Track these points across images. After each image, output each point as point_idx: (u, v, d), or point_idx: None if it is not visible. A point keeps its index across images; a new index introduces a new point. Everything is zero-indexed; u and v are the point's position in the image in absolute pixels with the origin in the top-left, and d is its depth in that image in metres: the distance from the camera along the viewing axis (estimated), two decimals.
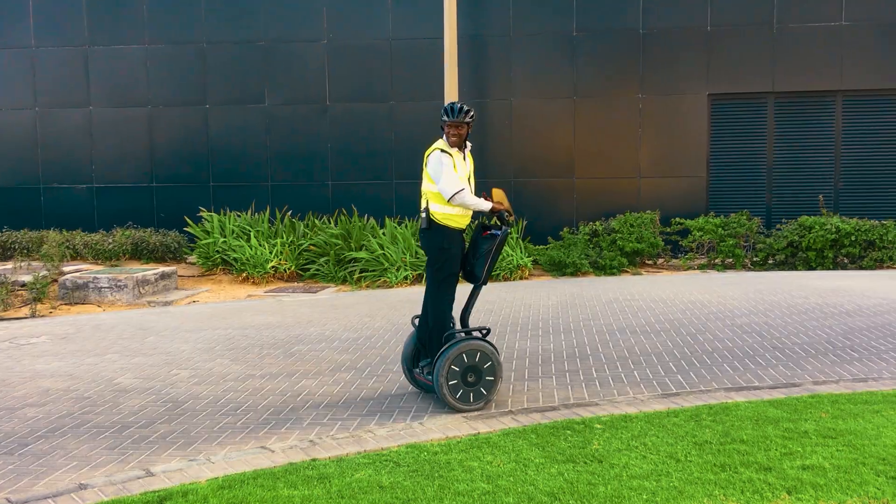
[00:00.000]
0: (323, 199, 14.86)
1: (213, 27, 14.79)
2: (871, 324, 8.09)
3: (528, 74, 14.43)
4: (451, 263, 5.49)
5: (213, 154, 14.96)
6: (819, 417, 5.04)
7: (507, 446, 4.62)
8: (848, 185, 14.17)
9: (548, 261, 12.77)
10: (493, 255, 5.47)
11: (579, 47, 14.31)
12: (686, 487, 3.97)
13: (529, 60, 14.41)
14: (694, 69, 14.17)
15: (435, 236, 5.46)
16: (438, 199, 5.44)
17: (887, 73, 13.79)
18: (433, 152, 5.50)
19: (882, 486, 3.94)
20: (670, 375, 6.27)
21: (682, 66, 14.19)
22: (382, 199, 14.73)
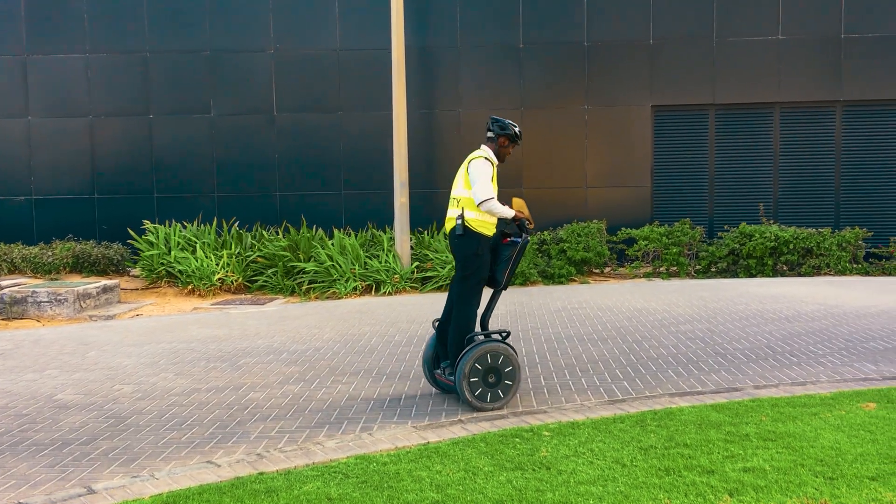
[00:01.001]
0: (271, 210, 14.72)
1: (157, 36, 14.57)
2: (808, 329, 8.34)
3: (475, 85, 14.54)
4: (482, 269, 5.68)
5: (158, 165, 14.71)
6: (760, 421, 5.16)
7: (456, 455, 4.63)
8: (786, 194, 14.59)
9: None
10: (515, 260, 5.71)
11: (526, 59, 14.48)
12: (632, 492, 4.03)
13: (477, 72, 14.53)
14: (637, 81, 14.45)
15: (469, 243, 5.61)
16: (474, 206, 5.61)
17: (822, 85, 14.26)
18: (478, 159, 5.65)
19: (820, 487, 4.05)
20: (617, 382, 6.36)
21: (626, 79, 14.46)
22: (331, 209, 14.65)
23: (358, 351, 7.77)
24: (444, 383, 5.86)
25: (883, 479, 4.10)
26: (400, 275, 12.24)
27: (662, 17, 14.34)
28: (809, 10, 14.17)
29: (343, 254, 12.55)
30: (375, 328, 9.00)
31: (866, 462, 4.35)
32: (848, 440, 4.72)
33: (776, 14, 14.19)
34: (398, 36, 12.81)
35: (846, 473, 4.20)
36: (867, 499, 3.88)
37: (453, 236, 5.69)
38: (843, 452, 4.51)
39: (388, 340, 8.27)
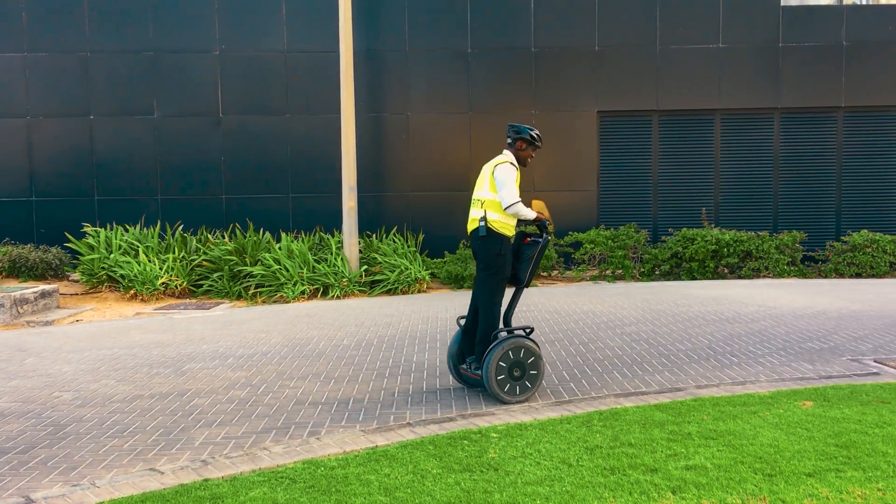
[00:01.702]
0: (217, 213, 14.50)
1: (97, 36, 14.25)
2: (748, 330, 8.56)
3: (424, 89, 14.57)
4: (505, 268, 5.91)
5: (99, 167, 14.38)
6: (702, 420, 5.28)
7: (404, 458, 4.63)
8: (727, 198, 14.95)
9: (446, 274, 12.89)
10: (536, 259, 5.96)
11: (474, 64, 14.56)
12: (578, 491, 4.08)
13: (426, 76, 14.56)
14: (583, 87, 14.66)
15: (493, 243, 5.83)
16: (497, 208, 5.85)
17: (760, 93, 14.67)
18: (503, 163, 5.89)
19: (759, 484, 4.16)
20: (564, 384, 6.44)
21: (572, 84, 14.66)
22: (279, 213, 14.51)
23: (306, 355, 7.71)
24: (469, 378, 6.13)
25: (819, 476, 4.24)
26: (348, 278, 12.18)
27: (607, 25, 14.58)
28: (748, 19, 14.56)
29: (291, 257, 12.44)
30: (323, 332, 8.94)
31: (803, 459, 4.49)
32: (786, 438, 4.86)
33: (717, 23, 14.55)
34: (346, 39, 12.76)
35: (784, 470, 4.32)
36: (804, 494, 4.00)
37: (476, 237, 5.90)
38: (782, 450, 4.64)
39: (336, 344, 8.22)
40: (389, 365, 7.23)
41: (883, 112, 14.76)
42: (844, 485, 4.11)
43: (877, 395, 5.79)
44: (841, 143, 14.84)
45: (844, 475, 4.23)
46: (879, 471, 4.28)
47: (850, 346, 7.68)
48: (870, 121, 14.81)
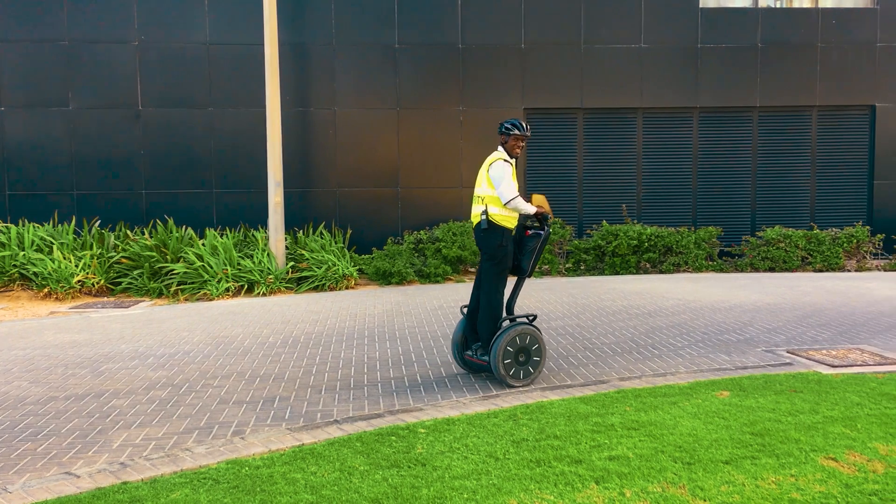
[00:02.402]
0: (136, 209, 14.08)
1: (7, 24, 13.63)
2: (669, 323, 8.79)
3: (351, 84, 14.45)
4: (507, 259, 6.25)
5: (9, 161, 13.77)
6: (624, 411, 5.40)
7: (331, 456, 4.59)
8: (649, 194, 15.33)
9: (374, 270, 12.83)
10: (538, 251, 6.32)
11: (402, 59, 14.52)
12: (504, 484, 4.12)
13: (353, 71, 14.44)
14: (510, 84, 14.79)
15: (494, 236, 6.17)
16: (496, 203, 6.16)
17: (680, 92, 15.08)
18: (497, 161, 6.18)
19: (679, 472, 4.28)
20: (491, 378, 6.49)
21: (499, 81, 14.77)
22: (203, 209, 14.18)
23: (230, 353, 7.56)
24: (473, 363, 6.45)
25: (735, 463, 4.38)
26: (275, 275, 12.00)
27: (533, 23, 14.74)
28: (668, 20, 14.94)
29: (215, 254, 12.18)
30: (249, 329, 8.79)
31: (721, 447, 4.64)
32: (704, 427, 5.01)
33: (639, 24, 14.89)
34: (271, 32, 12.54)
35: (702, 458, 4.46)
36: (721, 481, 4.14)
37: (479, 230, 6.24)
38: (700, 438, 4.79)
39: (262, 342, 8.09)
40: (317, 362, 7.16)
41: (795, 112, 15.37)
42: (759, 471, 4.26)
43: (790, 385, 6.02)
44: (756, 141, 15.39)
45: (759, 462, 4.39)
46: (792, 457, 4.46)
47: (764, 337, 7.97)
48: (783, 120, 15.40)
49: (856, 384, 6.01)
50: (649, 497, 3.96)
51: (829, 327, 8.45)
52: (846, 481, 4.12)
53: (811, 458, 4.44)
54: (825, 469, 4.28)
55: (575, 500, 3.93)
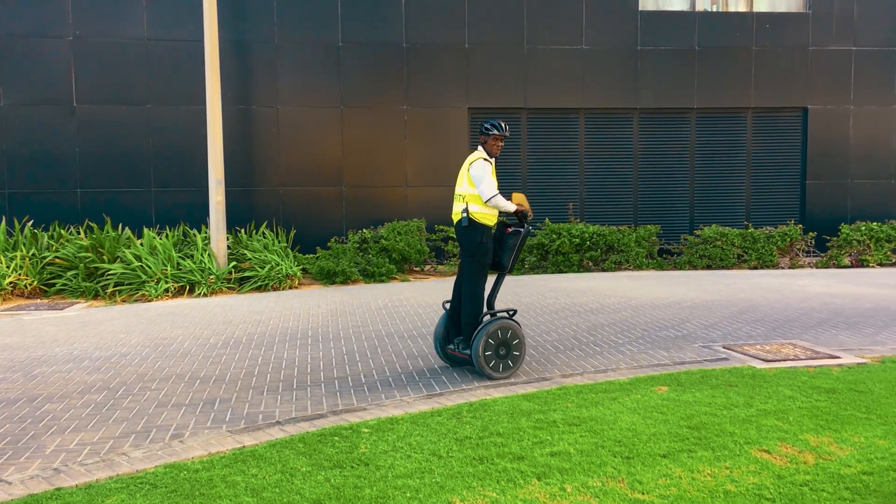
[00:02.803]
0: (71, 208, 13.69)
1: None
2: (611, 320, 8.93)
3: (294, 82, 14.31)
4: (487, 255, 6.42)
5: None
6: (566, 407, 5.47)
7: (273, 457, 4.54)
8: (591, 194, 15.55)
9: (318, 270, 12.72)
10: (518, 247, 6.49)
11: (346, 58, 14.44)
12: (447, 482, 4.14)
13: (296, 68, 14.30)
14: (454, 84, 14.83)
15: (475, 233, 6.35)
16: (477, 201, 6.36)
17: (621, 93, 15.33)
18: (478, 160, 6.38)
19: (618, 466, 4.35)
20: (435, 377, 6.50)
21: (443, 81, 14.80)
22: (141, 208, 13.87)
23: (169, 355, 7.41)
24: (455, 357, 6.60)
25: (673, 457, 4.48)
26: (216, 275, 11.81)
27: (477, 23, 14.81)
28: (609, 22, 15.17)
29: (153, 254, 11.92)
30: (189, 331, 8.63)
31: (659, 441, 4.73)
32: (643, 421, 5.11)
33: (580, 25, 15.08)
34: (211, 28, 12.33)
35: (641, 452, 4.54)
36: (659, 475, 4.22)
37: (460, 228, 6.42)
38: (639, 433, 4.88)
39: (202, 343, 7.95)
40: (259, 363, 7.07)
41: (731, 114, 15.77)
42: (695, 464, 4.36)
43: (725, 380, 6.18)
44: (694, 142, 15.74)
45: (696, 455, 4.49)
46: (727, 450, 4.57)
47: (702, 333, 8.16)
48: (719, 122, 15.78)
49: (788, 378, 6.20)
50: (589, 491, 4.02)
51: (764, 323, 8.70)
52: (778, 473, 4.25)
53: (745, 450, 4.57)
54: (758, 461, 4.41)
55: (517, 496, 3.97)
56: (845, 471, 4.25)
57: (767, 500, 3.89)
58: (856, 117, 15.82)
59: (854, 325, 8.51)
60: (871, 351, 7.21)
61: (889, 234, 14.62)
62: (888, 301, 10.14)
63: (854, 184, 15.93)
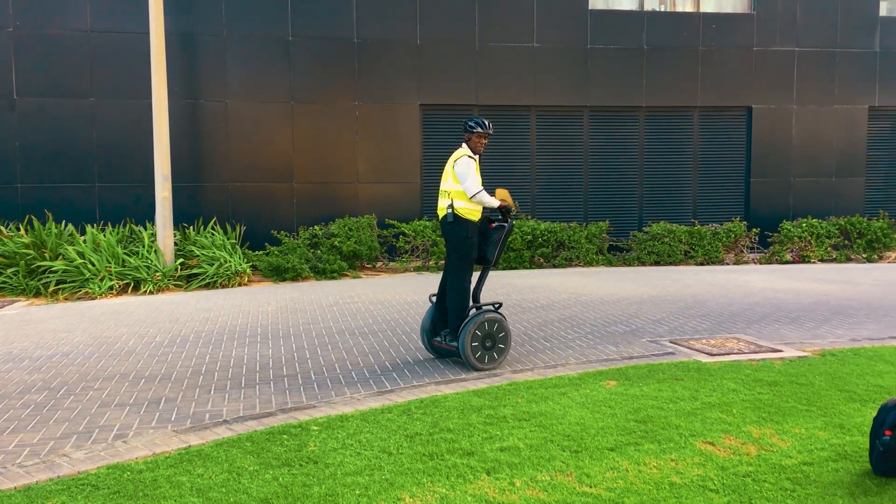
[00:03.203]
0: (11, 204, 13.29)
1: None
2: (561, 316, 9.02)
3: (244, 77, 14.11)
4: (472, 249, 6.60)
5: None
6: (516, 402, 5.50)
7: (219, 457, 4.47)
8: (542, 190, 15.66)
9: (267, 266, 12.57)
10: (502, 242, 6.70)
11: (296, 52, 14.28)
12: (397, 479, 4.12)
13: (245, 62, 14.10)
14: (406, 80, 14.79)
15: (460, 228, 6.53)
16: (462, 197, 6.52)
17: (571, 91, 15.47)
18: (462, 157, 6.54)
19: (567, 460, 4.39)
20: (386, 374, 6.48)
21: (395, 77, 14.74)
22: (84, 204, 13.53)
23: (113, 354, 7.25)
24: (442, 349, 6.77)
25: (620, 450, 4.54)
26: (162, 272, 11.58)
27: (428, 19, 14.79)
28: (559, 21, 15.29)
29: (97, 251, 11.64)
30: (133, 329, 8.45)
31: (607, 435, 4.79)
32: (591, 416, 5.16)
33: (531, 23, 15.17)
34: (157, 20, 12.08)
35: (589, 446, 4.59)
36: (606, 468, 4.27)
37: (445, 223, 6.58)
38: (588, 427, 4.93)
39: (147, 342, 7.79)
40: (206, 361, 6.96)
41: (678, 113, 16.04)
42: (642, 457, 4.42)
43: (672, 374, 6.29)
44: (642, 140, 15.97)
45: (642, 448, 4.56)
46: (673, 443, 4.65)
47: (649, 328, 8.29)
48: (667, 120, 16.04)
49: (732, 371, 6.33)
50: (538, 485, 4.04)
51: (709, 318, 8.87)
52: (722, 464, 4.33)
53: (690, 442, 4.65)
54: (703, 453, 4.49)
55: (466, 491, 3.97)
56: (786, 462, 4.36)
57: (711, 492, 3.97)
58: (798, 117, 16.24)
59: (795, 320, 8.74)
60: (811, 344, 7.41)
61: (829, 230, 15.04)
62: (828, 296, 10.43)
63: (796, 182, 16.35)
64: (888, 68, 16.43)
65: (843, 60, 16.26)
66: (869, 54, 16.34)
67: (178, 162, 13.58)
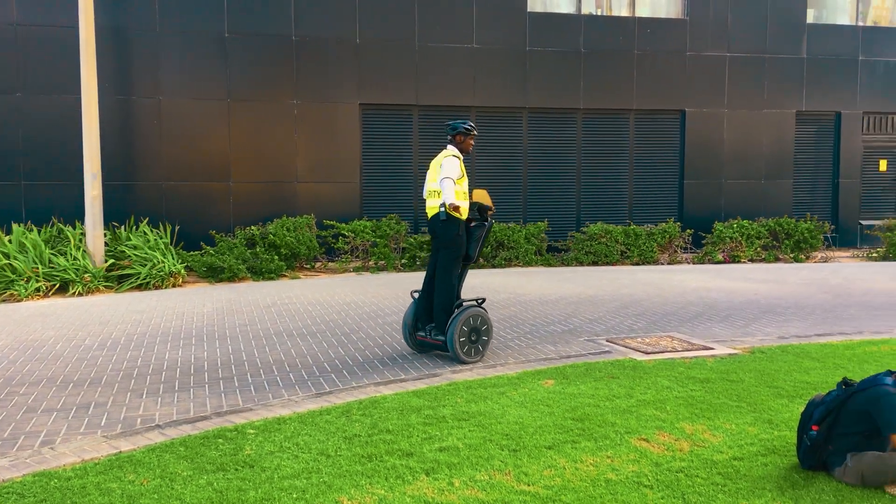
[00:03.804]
0: None
1: None
2: (501, 316, 9.07)
3: (178, 73, 13.80)
4: (462, 247, 6.89)
5: None
6: (456, 402, 5.51)
7: (151, 462, 4.36)
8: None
9: (203, 267, 12.33)
10: (483, 239, 7.03)
11: (232, 49, 14.04)
12: (335, 481, 4.08)
13: (180, 59, 13.79)
14: (345, 79, 14.68)
15: (452, 226, 6.78)
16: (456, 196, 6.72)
17: (510, 93, 15.59)
18: (449, 157, 6.83)
19: (505, 459, 4.42)
20: (325, 375, 6.42)
21: (334, 75, 14.62)
22: (9, 203, 13.04)
23: (39, 358, 7.00)
24: (427, 343, 6.99)
25: (558, 448, 4.59)
26: (92, 273, 11.24)
27: (368, 18, 14.71)
28: (499, 22, 15.39)
29: (23, 251, 11.23)
30: (61, 332, 8.18)
31: (545, 433, 4.84)
32: (530, 415, 5.21)
33: (471, 24, 15.23)
34: (87, 14, 11.72)
35: (528, 445, 4.63)
36: (544, 466, 4.31)
37: (437, 221, 6.81)
38: (526, 426, 4.97)
39: (76, 345, 7.55)
40: (138, 364, 6.78)
41: (614, 115, 16.31)
42: (579, 454, 4.48)
43: (608, 372, 6.38)
44: (580, 142, 16.19)
45: (579, 446, 4.62)
46: (609, 440, 4.72)
47: (587, 327, 8.40)
48: (604, 123, 16.30)
49: (666, 369, 6.47)
50: (477, 485, 4.05)
51: (644, 317, 9.04)
52: (656, 460, 4.42)
53: (626, 439, 4.73)
54: (638, 449, 4.57)
55: (405, 492, 3.96)
56: (718, 457, 4.47)
57: (646, 488, 4.04)
58: (729, 120, 16.69)
59: (727, 318, 8.97)
60: (741, 342, 7.62)
61: (759, 231, 15.50)
62: (758, 295, 10.75)
63: (727, 183, 16.80)
64: (815, 74, 17.03)
65: (771, 66, 16.78)
66: (796, 60, 16.90)
67: (109, 160, 13.21)
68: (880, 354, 7.00)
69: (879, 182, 17.94)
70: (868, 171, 17.78)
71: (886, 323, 8.67)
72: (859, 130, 17.45)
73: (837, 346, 7.39)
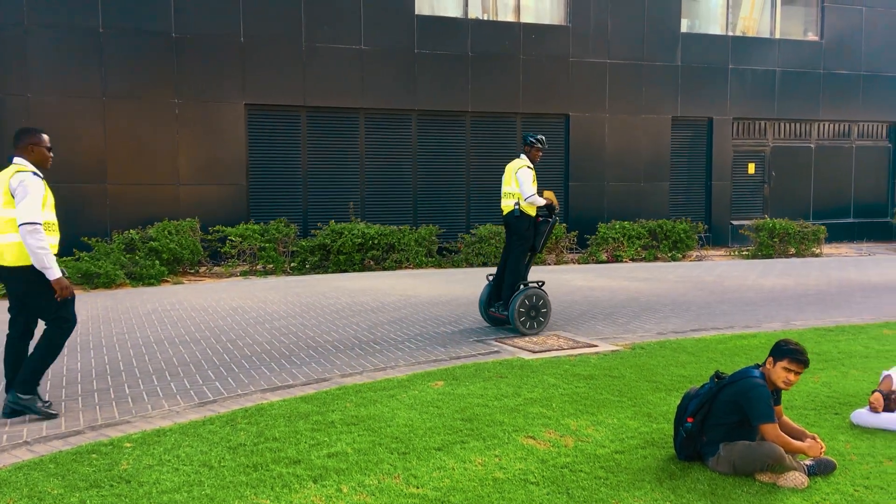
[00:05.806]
0: None
1: None
2: (391, 318, 9.05)
3: (48, 69, 13.06)
4: (530, 239, 8.35)
5: None
6: (345, 407, 5.44)
7: (18, 482, 4.09)
8: (372, 193, 15.67)
9: (76, 273, 11.71)
10: (547, 233, 8.43)
11: (108, 45, 13.41)
12: (218, 493, 3.95)
13: (50, 54, 13.06)
14: (230, 78, 14.30)
15: (524, 221, 8.26)
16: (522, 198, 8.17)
17: (399, 95, 15.59)
18: (522, 167, 8.24)
19: (394, 462, 4.40)
20: (208, 383, 6.21)
21: (217, 74, 14.21)
22: None
23: None
24: (496, 317, 8.43)
25: (447, 449, 4.60)
26: None
27: (252, 16, 14.38)
28: (387, 24, 15.37)
29: None
30: None
31: (434, 435, 4.85)
32: (419, 417, 5.21)
33: (359, 26, 15.14)
34: None
35: (417, 447, 4.63)
36: (433, 468, 4.32)
37: (512, 217, 8.26)
38: (415, 428, 4.97)
39: None
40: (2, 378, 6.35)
41: (502, 118, 16.59)
42: (468, 455, 4.51)
43: (497, 371, 6.47)
44: (469, 144, 16.38)
45: (468, 446, 4.65)
46: (497, 439, 4.78)
47: (476, 328, 8.49)
48: (491, 125, 16.55)
49: (553, 367, 6.62)
50: (366, 490, 4.02)
51: None
52: (542, 457, 4.50)
53: (513, 438, 4.80)
54: (525, 447, 4.65)
55: (291, 501, 3.88)
56: (600, 451, 4.60)
57: (532, 484, 4.11)
58: (610, 125, 17.28)
59: (609, 316, 9.28)
60: (623, 339, 7.89)
61: (639, 231, 16.11)
62: (639, 293, 11.17)
63: (609, 186, 17.39)
64: (688, 81, 17.87)
65: (648, 73, 17.50)
66: (671, 67, 17.68)
67: None
68: (750, 347, 7.40)
69: (748, 184, 19.03)
70: (738, 174, 18.83)
71: (755, 317, 9.18)
72: (730, 135, 18.45)
73: (711, 340, 7.77)
